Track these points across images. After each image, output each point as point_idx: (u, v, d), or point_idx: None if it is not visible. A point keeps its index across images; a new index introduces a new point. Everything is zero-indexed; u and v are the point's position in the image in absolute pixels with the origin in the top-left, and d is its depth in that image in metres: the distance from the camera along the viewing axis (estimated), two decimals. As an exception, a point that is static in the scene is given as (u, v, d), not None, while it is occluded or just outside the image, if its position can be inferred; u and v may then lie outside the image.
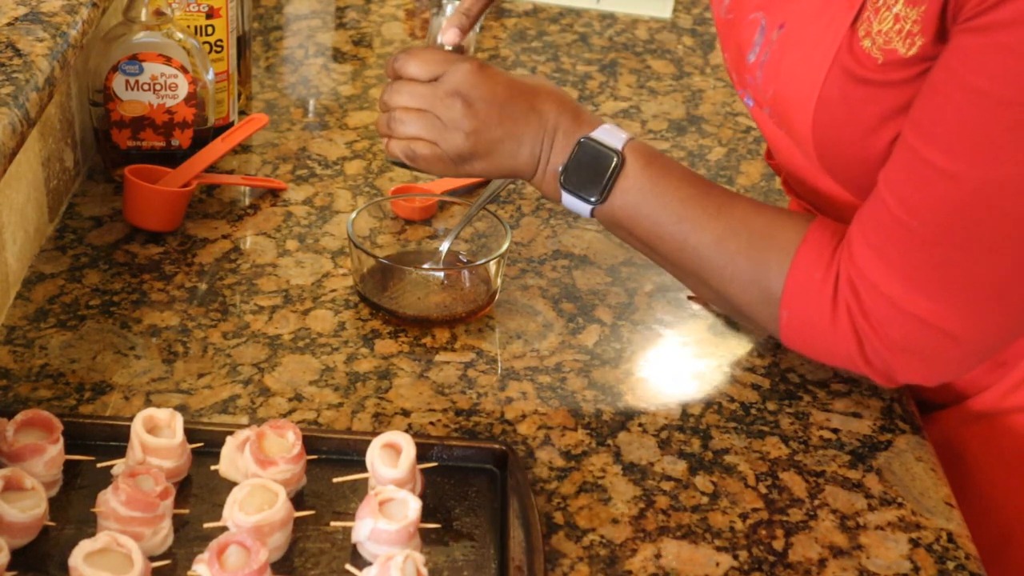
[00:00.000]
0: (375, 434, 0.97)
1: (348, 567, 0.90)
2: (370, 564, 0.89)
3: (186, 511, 0.93)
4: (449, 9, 1.14)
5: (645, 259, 1.28)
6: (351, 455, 0.99)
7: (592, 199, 1.08)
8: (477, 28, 1.15)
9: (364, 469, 0.96)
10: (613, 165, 1.07)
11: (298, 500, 0.95)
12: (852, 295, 1.01)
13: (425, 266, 1.22)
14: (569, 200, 1.09)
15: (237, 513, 0.89)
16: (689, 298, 1.22)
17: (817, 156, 1.06)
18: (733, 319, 1.19)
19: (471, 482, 0.99)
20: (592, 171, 1.08)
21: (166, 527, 0.90)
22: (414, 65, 1.09)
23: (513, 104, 1.08)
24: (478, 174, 1.11)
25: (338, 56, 1.66)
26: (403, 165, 1.11)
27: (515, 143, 1.08)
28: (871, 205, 1.00)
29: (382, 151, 1.43)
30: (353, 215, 1.19)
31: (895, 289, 0.99)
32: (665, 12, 1.84)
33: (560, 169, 1.08)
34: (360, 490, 0.96)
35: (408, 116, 1.08)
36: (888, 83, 0.98)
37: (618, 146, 1.08)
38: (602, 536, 0.97)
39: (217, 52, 1.37)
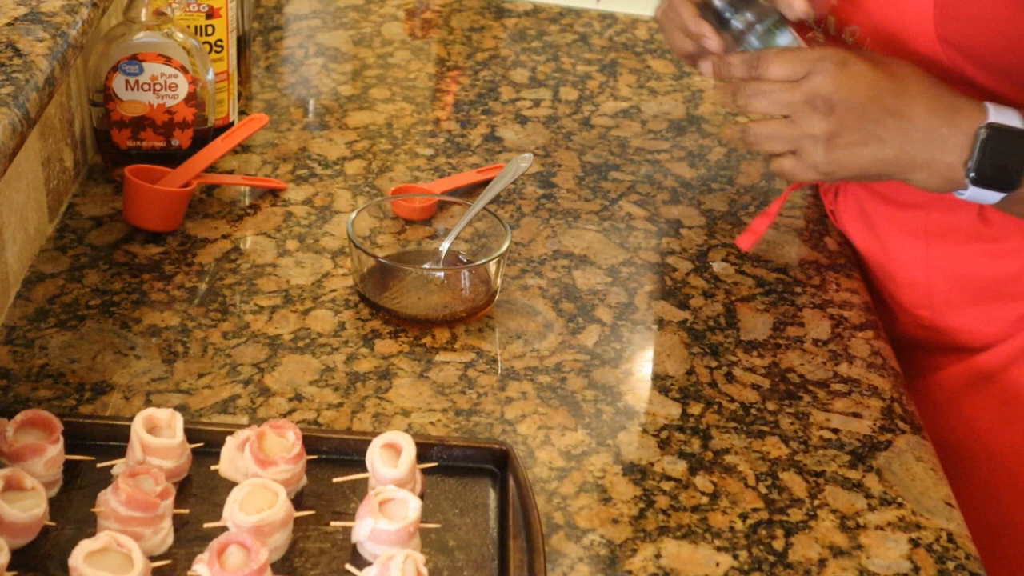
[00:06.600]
0: (375, 434, 0.97)
1: (348, 567, 0.90)
2: (370, 564, 0.89)
3: (186, 511, 0.93)
4: (753, 40, 1.11)
5: (645, 259, 1.28)
6: (351, 455, 0.99)
7: (1011, 188, 1.05)
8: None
9: (364, 469, 0.96)
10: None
11: (298, 500, 0.95)
12: None
13: (425, 266, 1.22)
14: (977, 193, 1.06)
15: (237, 513, 0.89)
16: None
17: (936, 15, 1.04)
18: None
19: (471, 482, 0.99)
20: (1004, 161, 1.04)
21: (166, 527, 0.90)
22: (777, 66, 1.07)
23: (874, 105, 1.06)
24: (845, 178, 1.10)
25: (338, 56, 1.66)
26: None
27: (877, 145, 1.06)
28: None
29: (382, 151, 1.44)
30: (353, 215, 1.19)
31: None
32: (665, 12, 1.84)
33: (966, 165, 1.05)
34: (360, 490, 0.96)
35: (769, 128, 1.08)
36: None
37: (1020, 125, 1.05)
38: (602, 536, 0.97)
39: (217, 52, 1.37)
